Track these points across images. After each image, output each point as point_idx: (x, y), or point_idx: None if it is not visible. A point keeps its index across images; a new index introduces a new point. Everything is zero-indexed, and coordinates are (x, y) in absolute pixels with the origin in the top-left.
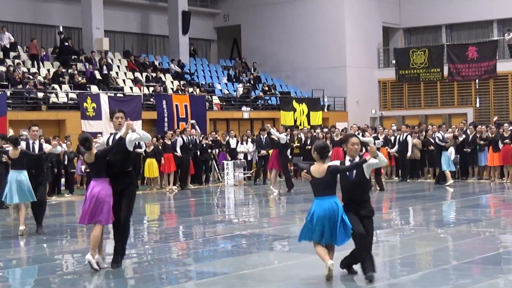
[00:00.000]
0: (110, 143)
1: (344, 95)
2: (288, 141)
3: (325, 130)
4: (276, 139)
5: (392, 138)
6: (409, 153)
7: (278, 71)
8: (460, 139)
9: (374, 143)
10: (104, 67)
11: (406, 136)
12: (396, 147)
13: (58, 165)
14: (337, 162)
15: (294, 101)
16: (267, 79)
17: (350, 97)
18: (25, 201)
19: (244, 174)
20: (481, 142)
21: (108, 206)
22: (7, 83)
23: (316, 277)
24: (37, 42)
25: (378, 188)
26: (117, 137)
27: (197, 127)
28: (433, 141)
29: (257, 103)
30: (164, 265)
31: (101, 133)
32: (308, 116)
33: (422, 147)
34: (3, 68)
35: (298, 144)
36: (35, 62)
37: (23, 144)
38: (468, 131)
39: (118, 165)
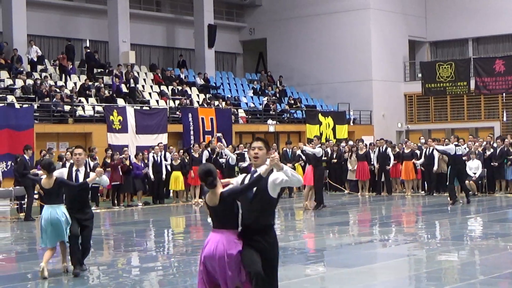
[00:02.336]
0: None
1: (370, 109)
2: (323, 153)
3: (351, 143)
4: (311, 153)
5: (418, 152)
6: (435, 167)
7: (303, 84)
8: (488, 152)
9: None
10: (131, 80)
11: (433, 149)
12: (421, 160)
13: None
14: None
15: (320, 115)
16: (293, 92)
17: (376, 111)
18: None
19: None
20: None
21: None
22: (34, 96)
23: None
24: (64, 55)
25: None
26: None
27: (223, 140)
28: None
29: (283, 116)
30: (189, 278)
31: (127, 146)
32: (334, 129)
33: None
34: (31, 81)
35: (325, 158)
36: (63, 75)
37: (63, 171)
38: (495, 144)
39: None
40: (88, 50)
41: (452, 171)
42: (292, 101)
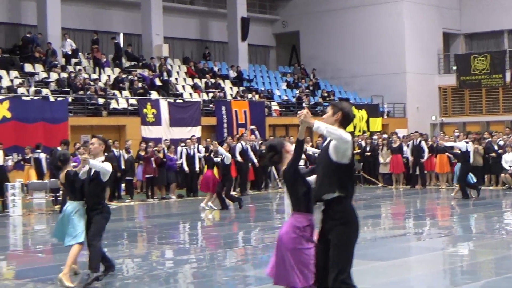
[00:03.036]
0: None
1: (404, 102)
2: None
3: (385, 136)
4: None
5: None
6: (471, 160)
7: (337, 77)
8: None
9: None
10: (164, 73)
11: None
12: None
13: (118, 170)
14: None
15: (353, 108)
16: (326, 85)
17: (410, 104)
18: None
19: None
20: None
21: None
22: (68, 89)
23: (379, 284)
24: (98, 48)
25: None
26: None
27: (257, 132)
28: (496, 148)
29: (316, 109)
30: (223, 271)
31: (160, 138)
32: (367, 122)
33: (484, 153)
34: (65, 75)
35: (359, 151)
36: (96, 68)
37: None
38: None
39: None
40: (116, 41)
41: (463, 168)
42: (326, 94)
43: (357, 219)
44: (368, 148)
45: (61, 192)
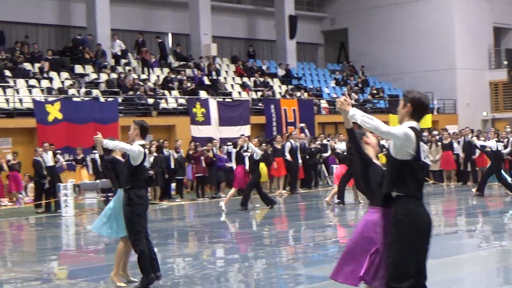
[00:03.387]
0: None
1: (454, 98)
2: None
3: (435, 133)
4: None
5: (505, 141)
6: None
7: (386, 74)
8: None
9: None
10: (213, 73)
11: None
12: (508, 149)
13: (168, 170)
14: None
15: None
16: (375, 82)
17: (460, 100)
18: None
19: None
20: None
21: None
22: (118, 89)
23: (432, 282)
24: (147, 48)
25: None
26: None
27: (306, 130)
28: None
29: (365, 106)
30: (274, 269)
31: (210, 138)
32: None
33: None
34: (115, 75)
35: None
36: (146, 69)
37: None
38: None
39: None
40: (160, 40)
41: (494, 166)
42: (375, 91)
43: (416, 222)
44: None
45: (112, 193)
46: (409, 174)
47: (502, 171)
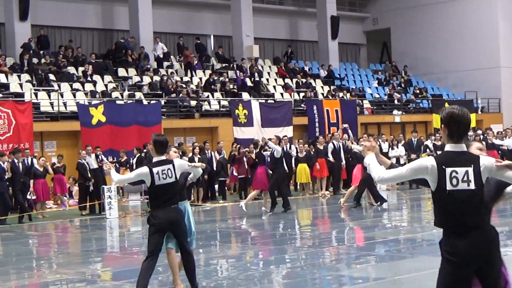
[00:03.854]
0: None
1: (499, 97)
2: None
3: (479, 132)
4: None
5: None
6: None
7: (429, 73)
8: None
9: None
10: (256, 74)
11: None
12: None
13: (210, 172)
14: None
15: (446, 104)
16: (418, 82)
17: (505, 98)
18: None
19: None
20: None
21: None
22: (161, 92)
23: None
24: (189, 51)
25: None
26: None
27: (349, 131)
28: None
29: (409, 106)
30: (317, 270)
31: (252, 139)
32: None
33: None
34: (157, 78)
35: None
36: (188, 71)
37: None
38: None
39: None
40: (198, 41)
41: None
42: (418, 91)
43: (455, 256)
44: None
45: None
46: (440, 207)
47: None
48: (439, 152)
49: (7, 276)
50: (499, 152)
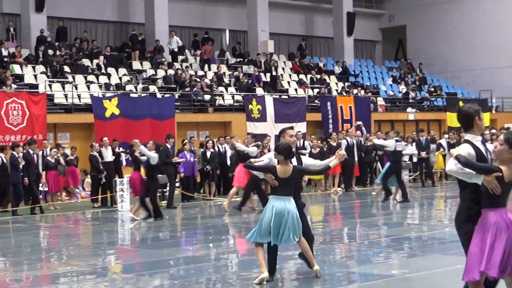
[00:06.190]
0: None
1: None
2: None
3: (493, 131)
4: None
5: None
6: None
7: (444, 71)
8: None
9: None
10: (272, 69)
11: None
12: None
13: (223, 166)
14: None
15: (461, 102)
16: (433, 80)
17: None
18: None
19: (410, 176)
20: None
21: None
22: (175, 86)
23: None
24: (208, 45)
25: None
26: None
27: (363, 128)
28: None
29: (423, 104)
30: (328, 267)
31: (265, 135)
32: None
33: None
34: (172, 72)
35: None
36: (205, 66)
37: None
38: None
39: None
40: (206, 36)
41: (392, 167)
42: (432, 89)
43: None
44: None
45: (168, 188)
46: None
47: None
48: (452, 151)
49: (19, 267)
50: None
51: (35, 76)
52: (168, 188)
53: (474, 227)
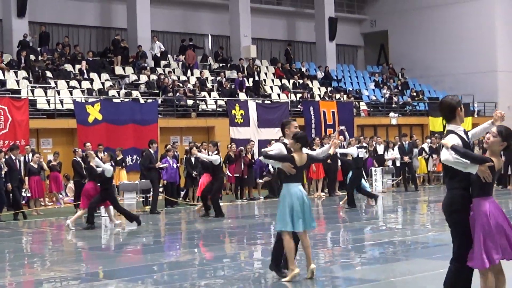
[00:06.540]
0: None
1: (495, 100)
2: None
3: None
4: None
5: None
6: None
7: (426, 76)
8: None
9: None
10: (255, 74)
11: None
12: None
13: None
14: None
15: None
16: (415, 84)
17: (501, 103)
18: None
19: (393, 180)
20: None
21: None
22: (158, 91)
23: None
24: (191, 50)
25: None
26: None
27: (346, 133)
28: None
29: (405, 109)
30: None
31: (248, 140)
32: None
33: None
34: (155, 77)
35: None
36: (188, 71)
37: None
38: None
39: None
40: (191, 43)
41: (354, 174)
42: (415, 93)
43: None
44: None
45: (151, 193)
46: None
47: None
48: (434, 156)
49: (1, 273)
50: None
51: (17, 81)
52: (151, 193)
53: (467, 216)
